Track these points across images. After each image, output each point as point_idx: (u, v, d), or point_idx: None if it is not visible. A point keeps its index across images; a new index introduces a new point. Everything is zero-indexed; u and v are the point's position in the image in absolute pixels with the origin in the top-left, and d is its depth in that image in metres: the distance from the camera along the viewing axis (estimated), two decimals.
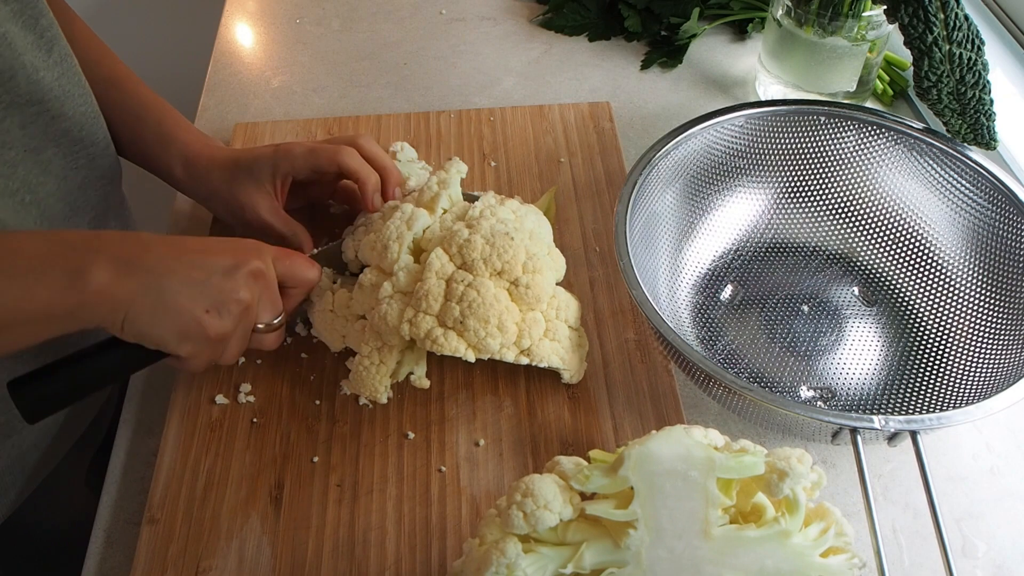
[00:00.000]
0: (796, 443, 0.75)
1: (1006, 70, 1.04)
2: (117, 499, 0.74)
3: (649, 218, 0.81)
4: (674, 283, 0.84)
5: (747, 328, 0.83)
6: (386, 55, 1.16)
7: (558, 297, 0.76)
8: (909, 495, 0.73)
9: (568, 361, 0.76)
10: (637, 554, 0.56)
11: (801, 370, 0.80)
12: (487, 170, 0.97)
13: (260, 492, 0.72)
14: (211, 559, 0.69)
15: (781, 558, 0.57)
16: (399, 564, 0.68)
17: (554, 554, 0.57)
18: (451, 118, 1.03)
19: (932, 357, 0.80)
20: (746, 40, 1.16)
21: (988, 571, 0.69)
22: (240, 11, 1.25)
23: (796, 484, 0.57)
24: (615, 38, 1.17)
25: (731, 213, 0.89)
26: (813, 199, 0.89)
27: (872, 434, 0.64)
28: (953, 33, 0.81)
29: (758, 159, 0.88)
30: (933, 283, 0.83)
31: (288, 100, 1.10)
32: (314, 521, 0.71)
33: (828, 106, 0.86)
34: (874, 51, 0.97)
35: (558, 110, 1.04)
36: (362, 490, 0.73)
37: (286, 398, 0.79)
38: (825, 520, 0.60)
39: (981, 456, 0.76)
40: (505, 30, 1.20)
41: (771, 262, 0.88)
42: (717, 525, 0.57)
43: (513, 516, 0.57)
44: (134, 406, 0.80)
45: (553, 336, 0.75)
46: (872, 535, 0.60)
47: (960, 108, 0.84)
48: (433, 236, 0.77)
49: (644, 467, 0.57)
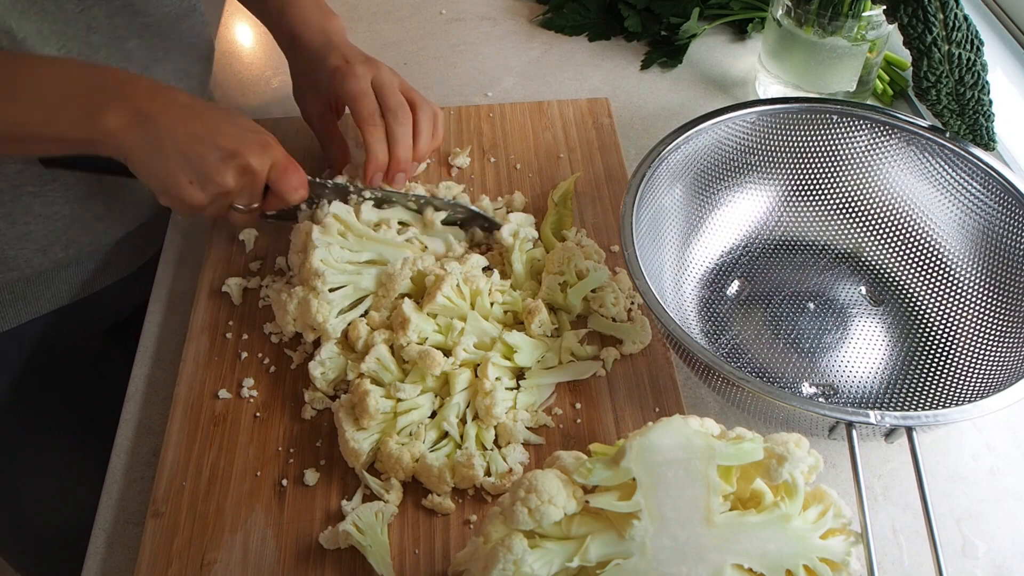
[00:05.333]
0: None
1: (1006, 70, 1.04)
2: (117, 499, 0.75)
3: (657, 211, 0.82)
4: (680, 277, 0.84)
5: (752, 324, 0.83)
6: (386, 55, 1.16)
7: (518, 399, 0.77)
8: (909, 495, 0.73)
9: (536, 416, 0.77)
10: (642, 544, 0.56)
11: (804, 367, 0.80)
12: (487, 166, 0.98)
13: (264, 485, 0.73)
14: (216, 551, 0.69)
15: (783, 542, 0.57)
16: (403, 555, 0.69)
17: (560, 548, 0.58)
18: (451, 115, 1.04)
19: (936, 357, 0.80)
20: (746, 40, 1.16)
21: (988, 571, 0.69)
22: (240, 11, 1.25)
23: (795, 468, 0.58)
24: (615, 38, 1.17)
25: (739, 209, 0.89)
26: (822, 197, 0.89)
27: (868, 429, 0.64)
28: (952, 33, 0.82)
29: (768, 156, 0.88)
30: (940, 283, 0.83)
31: (288, 100, 1.09)
32: (318, 514, 0.71)
33: (840, 105, 0.86)
34: (874, 51, 0.97)
35: (557, 106, 1.04)
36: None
37: (288, 393, 0.79)
38: (823, 503, 0.60)
39: (981, 456, 0.76)
40: (505, 30, 1.20)
41: (778, 259, 0.88)
42: (719, 512, 0.57)
43: (518, 512, 0.57)
44: (134, 406, 0.81)
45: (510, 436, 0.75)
46: (863, 530, 0.60)
47: (959, 108, 0.85)
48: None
49: (645, 458, 0.58)
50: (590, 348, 0.80)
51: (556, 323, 0.81)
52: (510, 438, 0.73)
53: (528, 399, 0.76)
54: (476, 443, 0.73)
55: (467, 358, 0.76)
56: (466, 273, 0.80)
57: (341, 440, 0.73)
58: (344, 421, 0.73)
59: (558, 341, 0.80)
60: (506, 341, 0.77)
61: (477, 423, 0.74)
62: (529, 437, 0.74)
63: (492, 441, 0.74)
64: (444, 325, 0.78)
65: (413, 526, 0.70)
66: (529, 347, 0.77)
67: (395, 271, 0.80)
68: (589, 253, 0.85)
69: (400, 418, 0.73)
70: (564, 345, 0.79)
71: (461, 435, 0.74)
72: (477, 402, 0.74)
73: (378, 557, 0.67)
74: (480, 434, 0.74)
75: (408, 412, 0.74)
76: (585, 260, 0.83)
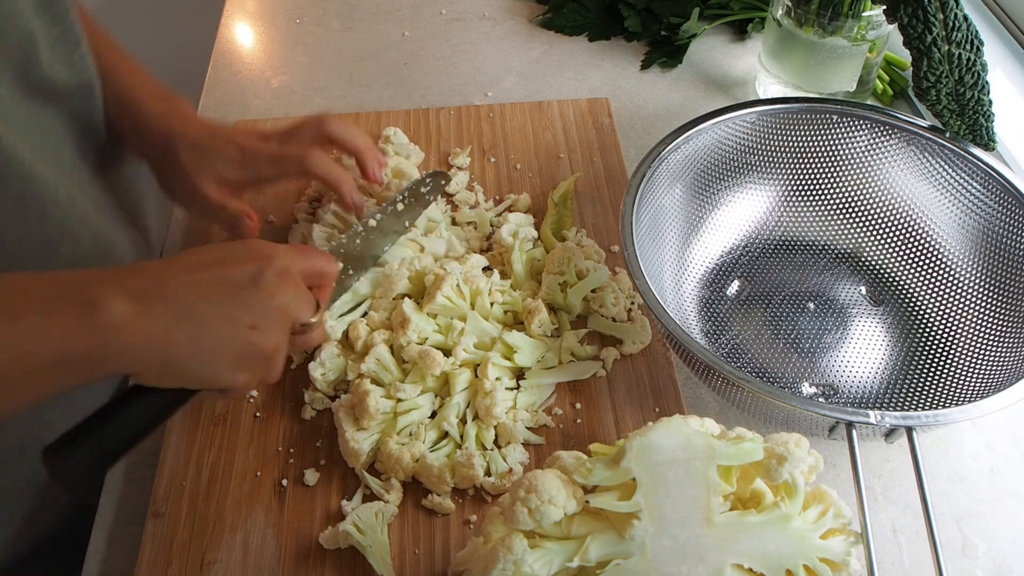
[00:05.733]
0: None
1: (1006, 70, 1.04)
2: (117, 499, 0.75)
3: (657, 211, 0.82)
4: (680, 277, 0.84)
5: (752, 324, 0.83)
6: (386, 55, 1.17)
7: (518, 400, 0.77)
8: (909, 495, 0.73)
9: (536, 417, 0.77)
10: (642, 544, 0.56)
11: (804, 367, 0.80)
12: (487, 166, 0.98)
13: (264, 485, 0.73)
14: (216, 551, 0.69)
15: (783, 541, 0.57)
16: (403, 555, 0.69)
17: (560, 548, 0.58)
18: (451, 115, 1.04)
19: (935, 357, 0.80)
20: (746, 40, 1.16)
21: (988, 571, 0.69)
22: (240, 11, 1.25)
23: (795, 468, 0.58)
24: (615, 38, 1.17)
25: (739, 209, 0.89)
26: (822, 197, 0.89)
27: (868, 429, 0.64)
28: (952, 33, 0.82)
29: (768, 156, 0.88)
30: (940, 283, 0.83)
31: (288, 100, 1.10)
32: (318, 514, 0.71)
33: (840, 105, 0.86)
34: (874, 51, 0.97)
35: (557, 106, 1.04)
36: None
37: (288, 393, 0.79)
38: (823, 503, 0.60)
39: (981, 456, 0.76)
40: (505, 30, 1.20)
41: (778, 259, 0.88)
42: (719, 512, 0.57)
43: (518, 512, 0.57)
44: None
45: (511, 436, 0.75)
46: (863, 530, 0.60)
47: (959, 108, 0.85)
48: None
49: (646, 458, 0.58)
50: (590, 348, 0.80)
51: (556, 323, 0.81)
52: (510, 438, 0.73)
53: (528, 399, 0.76)
54: (476, 443, 0.73)
55: (467, 358, 0.76)
56: (466, 273, 0.80)
57: (341, 440, 0.73)
58: (344, 421, 0.73)
59: (558, 341, 0.80)
60: (506, 341, 0.77)
61: (477, 423, 0.74)
62: (529, 437, 0.74)
63: (492, 441, 0.74)
64: (444, 325, 0.78)
65: (413, 526, 0.70)
66: (529, 347, 0.77)
67: (392, 272, 0.80)
68: (589, 253, 0.85)
69: (400, 418, 0.73)
70: (564, 345, 0.79)
71: (461, 435, 0.74)
72: (477, 402, 0.74)
73: (378, 557, 0.67)
74: (480, 434, 0.74)
75: (408, 412, 0.74)
76: (585, 260, 0.83)
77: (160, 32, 1.77)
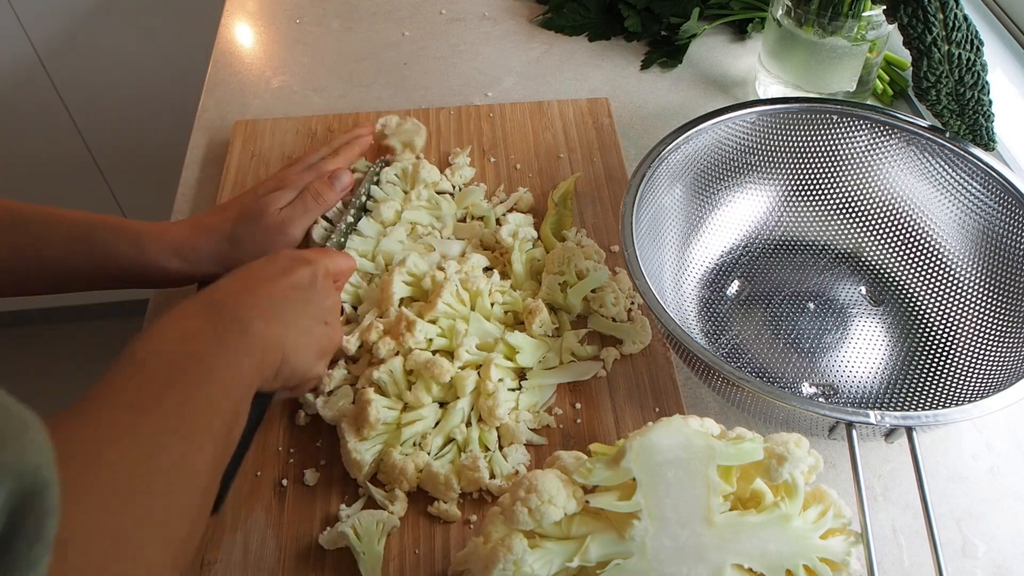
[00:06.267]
0: None
1: (1006, 70, 1.04)
2: None
3: (657, 211, 0.82)
4: (680, 277, 0.84)
5: (752, 324, 0.83)
6: (386, 55, 1.17)
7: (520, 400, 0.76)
8: (909, 495, 0.73)
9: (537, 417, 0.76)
10: (642, 544, 0.56)
11: (804, 367, 0.80)
12: (487, 166, 0.98)
13: (264, 485, 0.73)
14: (216, 551, 0.69)
15: (783, 541, 0.57)
16: (403, 555, 0.69)
17: (560, 548, 0.58)
18: (451, 114, 1.04)
19: (936, 357, 0.80)
20: (746, 40, 1.16)
21: (988, 571, 0.69)
22: (240, 11, 1.25)
23: (795, 468, 0.58)
24: (615, 38, 1.17)
25: (739, 209, 0.89)
26: (822, 197, 0.89)
27: (868, 429, 0.64)
28: (952, 33, 0.82)
29: (768, 156, 0.88)
30: (940, 283, 0.83)
31: (288, 100, 1.10)
32: (318, 514, 0.71)
33: (840, 105, 0.86)
34: (874, 51, 0.97)
35: (557, 106, 1.04)
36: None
37: None
38: (823, 503, 0.60)
39: (981, 456, 0.76)
40: (505, 30, 1.20)
41: (778, 259, 0.88)
42: (719, 512, 0.57)
43: (518, 512, 0.57)
44: None
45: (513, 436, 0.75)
46: (863, 530, 0.60)
47: (959, 109, 0.85)
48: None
49: (646, 458, 0.58)
50: (590, 348, 0.80)
51: (556, 323, 0.81)
52: (513, 439, 0.73)
53: (530, 400, 0.76)
54: (479, 445, 0.73)
55: (470, 359, 0.76)
56: (466, 275, 0.80)
57: (343, 451, 0.73)
58: (346, 431, 0.73)
59: (559, 341, 0.80)
60: (508, 342, 0.77)
61: (480, 425, 0.74)
62: (532, 438, 0.74)
63: (495, 442, 0.74)
64: (448, 328, 0.78)
65: (413, 526, 0.70)
66: (531, 347, 0.77)
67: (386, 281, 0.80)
68: (589, 253, 0.85)
69: (404, 429, 0.73)
70: (564, 345, 0.79)
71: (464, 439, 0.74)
72: (480, 404, 0.74)
73: (368, 566, 0.66)
74: (483, 436, 0.74)
75: (412, 424, 0.73)
76: (585, 260, 0.83)
77: (160, 32, 1.77)
